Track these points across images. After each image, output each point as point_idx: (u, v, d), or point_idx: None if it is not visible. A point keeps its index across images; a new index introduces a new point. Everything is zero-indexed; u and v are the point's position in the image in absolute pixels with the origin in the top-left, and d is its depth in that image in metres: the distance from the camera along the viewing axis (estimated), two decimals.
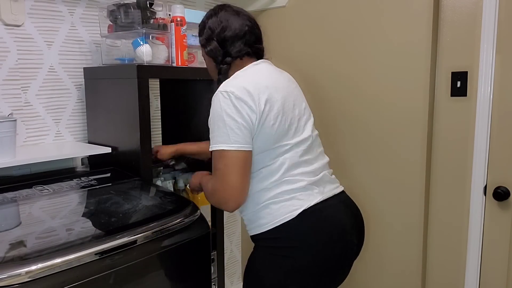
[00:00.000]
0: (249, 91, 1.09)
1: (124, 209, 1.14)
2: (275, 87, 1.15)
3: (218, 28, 1.20)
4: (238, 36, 1.20)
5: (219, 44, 1.21)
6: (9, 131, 1.22)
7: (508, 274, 1.56)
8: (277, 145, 1.14)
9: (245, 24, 1.22)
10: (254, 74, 1.17)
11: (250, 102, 1.08)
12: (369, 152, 1.80)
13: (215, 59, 1.23)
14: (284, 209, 1.13)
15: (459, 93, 1.59)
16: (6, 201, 1.16)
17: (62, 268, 0.85)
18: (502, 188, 1.53)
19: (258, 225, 1.17)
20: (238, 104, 1.08)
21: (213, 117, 1.10)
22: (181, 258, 1.10)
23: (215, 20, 1.22)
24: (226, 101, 1.08)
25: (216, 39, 1.21)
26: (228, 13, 1.23)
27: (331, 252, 1.14)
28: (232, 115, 1.07)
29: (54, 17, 1.52)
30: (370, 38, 1.74)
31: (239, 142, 1.07)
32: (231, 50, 1.21)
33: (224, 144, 1.07)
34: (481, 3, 1.51)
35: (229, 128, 1.07)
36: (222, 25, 1.20)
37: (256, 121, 1.09)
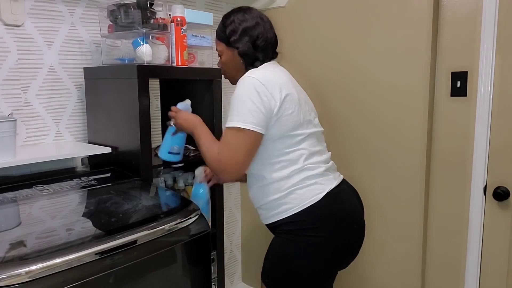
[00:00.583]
0: (273, 81, 1.22)
1: (124, 209, 1.15)
2: (293, 84, 1.30)
3: (255, 33, 1.31)
4: (270, 45, 1.35)
5: (253, 47, 1.32)
6: (9, 131, 1.22)
7: (508, 274, 1.56)
8: (294, 133, 1.25)
9: (274, 34, 1.38)
10: (276, 70, 1.31)
11: (272, 90, 1.20)
12: (369, 152, 1.80)
13: (244, 60, 1.34)
14: (310, 193, 1.25)
15: (459, 93, 1.59)
16: (6, 201, 1.16)
17: (62, 268, 0.85)
18: (502, 188, 1.53)
19: (281, 211, 1.27)
20: (261, 91, 1.19)
21: (235, 97, 1.21)
22: (181, 258, 1.10)
23: (250, 23, 1.32)
24: (251, 86, 1.20)
25: (252, 43, 1.32)
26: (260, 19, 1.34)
27: (351, 231, 1.30)
28: (253, 99, 1.18)
29: (54, 17, 1.52)
30: (370, 38, 1.74)
31: (254, 123, 1.18)
32: (261, 56, 1.33)
33: (241, 123, 1.18)
34: (481, 3, 1.51)
35: (248, 110, 1.18)
36: (258, 30, 1.32)
37: (276, 108, 1.20)
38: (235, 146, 1.19)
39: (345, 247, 1.30)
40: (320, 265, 1.25)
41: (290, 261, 1.24)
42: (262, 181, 1.30)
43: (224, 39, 1.35)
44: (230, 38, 1.33)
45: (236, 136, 1.19)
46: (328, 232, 1.24)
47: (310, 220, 1.23)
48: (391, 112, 1.71)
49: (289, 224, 1.26)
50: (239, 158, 1.20)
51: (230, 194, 2.31)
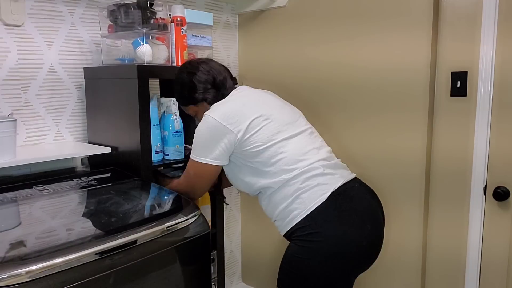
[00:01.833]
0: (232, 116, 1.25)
1: (124, 209, 1.15)
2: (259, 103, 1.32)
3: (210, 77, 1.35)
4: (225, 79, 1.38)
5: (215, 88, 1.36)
6: (9, 131, 1.22)
7: (508, 274, 1.56)
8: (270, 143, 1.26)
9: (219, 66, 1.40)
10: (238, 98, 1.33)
11: (236, 126, 1.24)
12: (369, 152, 1.80)
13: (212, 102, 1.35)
14: (313, 195, 1.23)
15: (459, 93, 1.59)
16: (6, 201, 1.16)
17: (62, 268, 0.85)
18: (502, 188, 1.53)
19: (291, 218, 1.25)
20: (223, 132, 1.24)
21: (197, 133, 1.29)
22: (181, 258, 1.10)
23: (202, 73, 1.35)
24: (210, 125, 1.26)
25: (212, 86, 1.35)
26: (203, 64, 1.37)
27: (362, 232, 1.22)
28: (215, 137, 1.25)
29: (54, 17, 1.52)
30: (370, 38, 1.74)
31: (216, 159, 1.28)
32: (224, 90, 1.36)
33: (198, 157, 1.29)
34: (481, 3, 1.51)
35: (207, 146, 1.27)
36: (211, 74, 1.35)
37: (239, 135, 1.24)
38: (195, 179, 1.34)
39: (358, 249, 1.22)
40: (331, 269, 1.20)
41: (301, 267, 1.21)
42: (267, 191, 1.29)
43: (189, 101, 1.38)
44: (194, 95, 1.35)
45: (197, 170, 1.31)
46: (336, 235, 1.19)
47: (317, 223, 1.20)
48: (391, 112, 1.71)
49: (298, 230, 1.23)
50: (196, 185, 1.36)
51: (230, 194, 2.31)
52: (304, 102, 1.98)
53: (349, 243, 1.20)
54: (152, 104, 1.44)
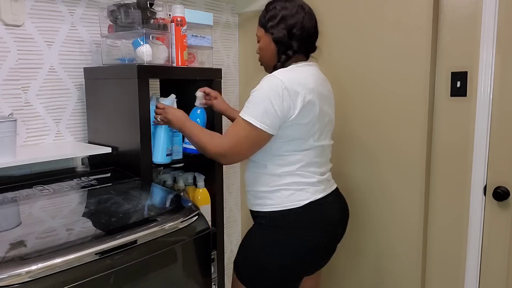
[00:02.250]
0: (299, 88, 1.21)
1: (124, 209, 1.15)
2: (319, 94, 1.28)
3: (292, 21, 1.29)
4: (308, 36, 1.33)
5: (288, 35, 1.30)
6: (9, 131, 1.22)
7: (508, 274, 1.56)
8: (302, 141, 1.27)
9: (314, 25, 1.34)
10: (307, 74, 1.29)
11: (295, 97, 1.21)
12: (369, 152, 1.80)
13: (278, 47, 1.33)
14: (293, 197, 1.29)
15: (459, 93, 1.59)
16: (6, 201, 1.16)
17: (62, 268, 0.85)
18: (502, 188, 1.53)
19: (263, 203, 1.32)
20: (284, 95, 1.20)
21: (258, 92, 1.23)
22: (181, 258, 1.10)
23: (290, 11, 1.30)
24: (275, 87, 1.20)
25: (287, 30, 1.30)
26: (301, 8, 1.31)
27: (321, 241, 1.34)
28: (273, 102, 1.20)
29: (54, 17, 1.52)
30: (370, 38, 1.74)
31: (266, 124, 1.21)
32: (296, 45, 1.31)
33: (254, 119, 1.21)
34: (481, 3, 1.51)
35: (264, 109, 1.20)
36: (296, 19, 1.29)
37: (293, 116, 1.22)
38: (242, 139, 1.24)
39: (313, 255, 1.33)
40: (287, 264, 1.29)
41: (260, 252, 1.31)
42: (259, 168, 1.33)
43: (263, 24, 1.36)
44: (268, 23, 1.33)
45: (245, 130, 1.23)
46: (299, 237, 1.28)
47: (286, 222, 1.29)
48: (391, 112, 1.71)
49: (266, 218, 1.32)
50: (242, 150, 1.26)
51: (230, 194, 2.31)
52: None
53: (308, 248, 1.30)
54: (152, 104, 1.44)
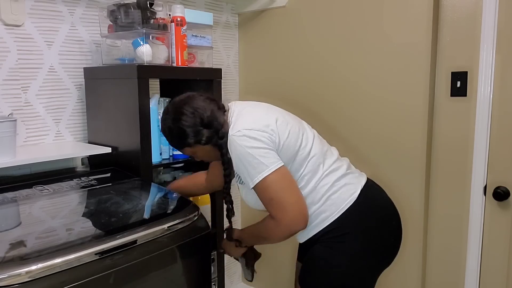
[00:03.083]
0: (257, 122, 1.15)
1: (124, 209, 1.14)
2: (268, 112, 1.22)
3: (197, 120, 1.19)
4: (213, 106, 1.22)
5: (206, 127, 1.20)
6: (9, 131, 1.22)
7: (508, 274, 1.56)
8: (298, 148, 1.19)
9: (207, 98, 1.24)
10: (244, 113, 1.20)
11: (264, 129, 1.14)
12: (369, 151, 1.80)
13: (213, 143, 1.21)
14: (344, 195, 1.20)
15: (459, 93, 1.59)
16: (6, 201, 1.16)
17: (62, 268, 0.85)
18: (502, 188, 1.53)
19: (320, 220, 1.19)
20: (255, 136, 1.12)
21: (238, 159, 1.13)
22: (181, 258, 1.10)
23: (187, 118, 1.19)
24: (243, 138, 1.12)
25: (203, 127, 1.19)
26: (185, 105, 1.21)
27: (390, 227, 1.26)
28: (255, 146, 1.12)
29: (54, 17, 1.52)
30: (370, 38, 1.74)
31: (274, 161, 1.12)
32: (219, 122, 1.20)
33: (264, 171, 1.11)
34: (481, 3, 1.51)
35: (259, 156, 1.11)
36: (197, 114, 1.19)
37: (277, 140, 1.15)
38: (279, 196, 1.12)
39: (387, 245, 1.26)
40: (365, 270, 1.21)
41: (337, 271, 1.19)
42: None
43: (184, 145, 1.23)
44: (187, 141, 1.21)
45: (272, 187, 1.11)
46: (369, 233, 1.20)
47: (351, 223, 1.19)
48: (391, 112, 1.71)
49: (330, 232, 1.19)
50: (294, 200, 1.12)
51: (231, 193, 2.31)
52: (304, 102, 1.98)
53: (381, 241, 1.23)
54: (152, 104, 1.44)
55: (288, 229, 1.13)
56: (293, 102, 2.01)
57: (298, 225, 1.13)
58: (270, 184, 1.11)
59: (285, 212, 1.11)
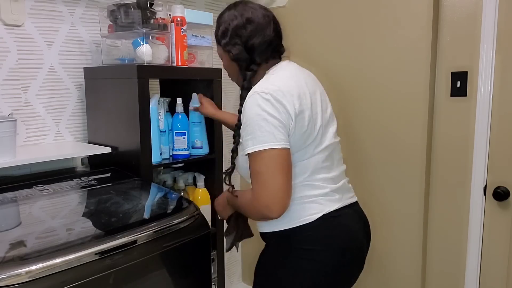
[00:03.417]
0: (286, 95, 1.06)
1: (124, 209, 1.15)
2: (305, 93, 1.11)
3: (245, 33, 1.14)
4: (266, 43, 1.16)
5: (246, 50, 1.15)
6: (9, 131, 1.22)
7: (508, 274, 1.56)
8: (304, 149, 1.10)
9: (272, 28, 1.17)
10: (285, 77, 1.12)
11: (288, 106, 1.05)
12: (369, 151, 1.80)
13: (239, 64, 1.18)
14: (304, 212, 1.11)
15: (459, 93, 1.59)
16: (6, 201, 1.16)
17: (62, 268, 0.85)
18: (502, 188, 1.53)
19: (272, 222, 1.13)
20: (277, 105, 1.04)
21: (251, 117, 1.04)
22: (181, 258, 1.10)
23: (240, 23, 1.15)
24: (266, 101, 1.03)
25: (243, 45, 1.15)
26: (252, 13, 1.15)
27: (343, 259, 1.14)
28: (274, 114, 1.03)
29: (54, 17, 1.52)
30: (370, 38, 1.74)
31: (284, 140, 1.03)
32: (258, 58, 1.16)
33: (270, 143, 1.02)
34: (481, 3, 1.51)
35: (273, 126, 1.02)
36: (249, 30, 1.14)
37: (292, 124, 1.06)
38: (268, 174, 1.02)
39: (337, 275, 1.15)
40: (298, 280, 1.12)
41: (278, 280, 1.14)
42: None
43: (218, 41, 1.21)
44: (221, 41, 1.19)
45: (265, 162, 1.02)
46: (318, 257, 1.11)
47: (300, 240, 1.11)
48: (391, 112, 1.71)
49: (278, 238, 1.15)
50: (279, 185, 1.02)
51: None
52: None
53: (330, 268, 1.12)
54: (152, 104, 1.44)
55: (261, 210, 1.04)
56: None
57: (271, 211, 1.03)
58: (268, 158, 1.02)
59: (267, 192, 1.02)
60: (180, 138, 1.55)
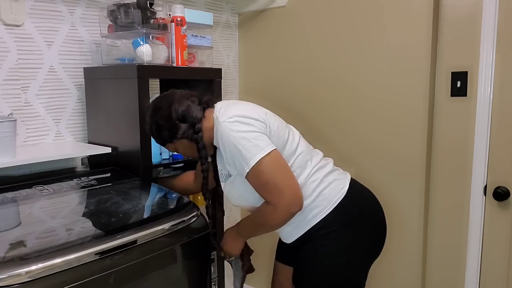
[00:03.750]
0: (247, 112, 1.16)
1: (124, 209, 1.14)
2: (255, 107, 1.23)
3: (173, 114, 1.20)
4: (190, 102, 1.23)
5: (181, 121, 1.21)
6: (9, 131, 1.22)
7: (508, 274, 1.55)
8: (287, 142, 1.21)
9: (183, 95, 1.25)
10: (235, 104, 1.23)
11: (254, 116, 1.15)
12: (369, 151, 1.80)
13: (188, 136, 1.22)
14: (334, 191, 1.21)
15: (459, 93, 1.59)
16: (6, 201, 1.16)
17: (62, 268, 0.85)
18: (502, 188, 1.53)
19: (312, 216, 1.19)
20: (246, 121, 1.13)
21: (232, 145, 1.12)
22: (181, 258, 1.10)
23: (163, 112, 1.21)
24: (234, 124, 1.12)
25: (179, 121, 1.21)
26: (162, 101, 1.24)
27: (378, 219, 1.29)
28: (247, 130, 1.12)
29: (54, 17, 1.52)
30: (370, 38, 1.74)
31: (269, 143, 1.12)
32: (194, 117, 1.21)
33: (259, 153, 1.10)
34: (481, 3, 1.51)
35: (253, 138, 1.11)
36: (171, 109, 1.20)
37: (267, 128, 1.16)
38: (274, 179, 1.10)
39: (377, 236, 1.29)
40: (358, 263, 1.24)
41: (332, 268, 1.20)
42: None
43: (165, 140, 1.25)
44: (164, 134, 1.23)
45: (266, 169, 1.10)
46: (358, 227, 1.22)
47: (343, 218, 1.20)
48: (391, 112, 1.71)
49: (321, 229, 1.19)
50: (288, 183, 1.11)
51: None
52: (304, 101, 1.98)
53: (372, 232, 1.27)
54: None
55: (286, 211, 1.12)
56: (292, 102, 2.01)
57: (295, 206, 1.12)
58: (265, 166, 1.10)
59: (281, 194, 1.10)
60: None
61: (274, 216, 1.14)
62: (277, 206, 1.11)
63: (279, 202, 1.11)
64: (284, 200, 1.11)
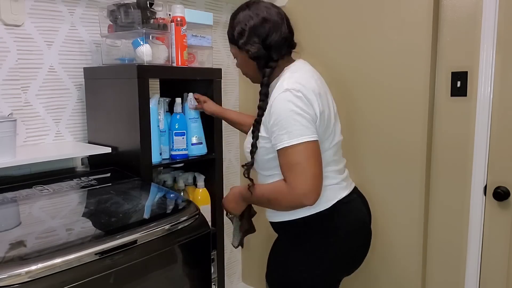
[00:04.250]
0: (312, 94, 1.13)
1: (124, 209, 1.15)
2: (323, 93, 1.20)
3: (262, 31, 1.19)
4: (283, 40, 1.22)
5: (264, 48, 1.21)
6: (9, 131, 1.22)
7: (508, 274, 1.56)
8: (321, 144, 1.17)
9: (286, 25, 1.23)
10: (308, 77, 1.19)
11: (314, 104, 1.13)
12: (369, 152, 1.80)
13: (258, 62, 1.24)
14: (320, 199, 1.15)
15: (459, 93, 1.59)
16: (6, 201, 1.16)
17: (62, 268, 0.85)
18: (502, 188, 1.53)
19: (288, 213, 1.21)
20: (307, 102, 1.12)
21: (284, 113, 1.10)
22: (181, 258, 1.10)
23: (257, 22, 1.20)
24: (298, 98, 1.10)
25: (262, 44, 1.20)
26: (267, 13, 1.21)
27: (355, 243, 1.26)
28: (306, 110, 1.11)
29: (54, 17, 1.52)
30: (370, 38, 1.74)
31: (315, 133, 1.12)
32: (275, 55, 1.22)
33: (306, 136, 1.09)
34: (481, 3, 1.51)
35: (306, 121, 1.10)
36: (266, 27, 1.19)
37: (317, 122, 1.14)
38: (306, 164, 1.09)
39: (349, 256, 1.27)
40: (322, 272, 1.22)
41: (293, 266, 1.22)
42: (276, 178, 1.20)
43: (234, 42, 1.26)
44: (239, 41, 1.23)
45: (303, 153, 1.09)
46: (334, 241, 1.21)
47: (317, 226, 1.20)
48: (391, 112, 1.71)
49: (295, 226, 1.21)
50: (316, 174, 1.10)
51: None
52: None
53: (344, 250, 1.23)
54: (152, 104, 1.44)
55: (298, 199, 1.10)
56: None
57: (309, 199, 1.10)
58: (304, 149, 1.09)
59: (305, 180, 1.09)
60: (179, 138, 1.55)
61: (286, 197, 1.13)
62: (294, 189, 1.10)
63: (298, 187, 1.09)
64: (303, 187, 1.09)
